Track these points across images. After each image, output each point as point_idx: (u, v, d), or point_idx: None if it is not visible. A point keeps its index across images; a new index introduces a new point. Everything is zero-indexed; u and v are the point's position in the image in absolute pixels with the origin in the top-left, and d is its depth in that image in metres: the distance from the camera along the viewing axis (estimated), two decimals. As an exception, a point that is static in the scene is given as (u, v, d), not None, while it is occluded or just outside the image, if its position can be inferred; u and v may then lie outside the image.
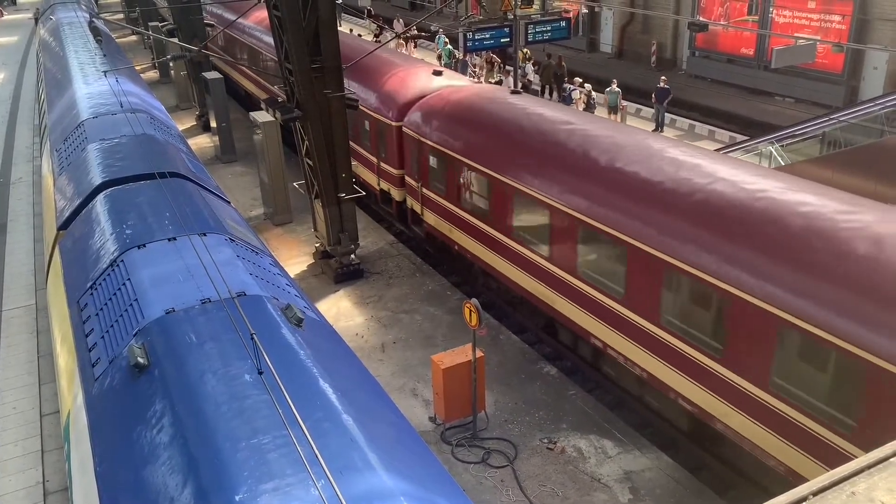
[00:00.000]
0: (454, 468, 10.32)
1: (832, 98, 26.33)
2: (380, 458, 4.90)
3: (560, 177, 11.98)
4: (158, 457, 5.08)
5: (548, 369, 12.51)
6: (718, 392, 9.53)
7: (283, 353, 6.01)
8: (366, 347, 13.29)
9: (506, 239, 13.41)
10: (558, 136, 12.72)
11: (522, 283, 13.18)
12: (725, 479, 10.28)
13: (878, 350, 7.57)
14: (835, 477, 3.38)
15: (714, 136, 23.72)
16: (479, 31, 23.40)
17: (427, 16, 34.97)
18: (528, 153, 12.92)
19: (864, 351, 7.66)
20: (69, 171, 11.52)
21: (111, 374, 6.27)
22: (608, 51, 37.25)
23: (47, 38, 26.57)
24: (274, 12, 14.15)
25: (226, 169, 23.12)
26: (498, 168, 13.32)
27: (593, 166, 11.63)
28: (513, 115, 14.00)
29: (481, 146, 13.99)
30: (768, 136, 18.04)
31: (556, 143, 12.59)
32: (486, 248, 14.12)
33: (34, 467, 10.23)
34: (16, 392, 11.89)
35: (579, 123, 13.05)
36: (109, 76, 16.28)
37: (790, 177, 10.38)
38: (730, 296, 9.04)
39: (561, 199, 11.76)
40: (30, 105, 30.34)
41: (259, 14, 24.90)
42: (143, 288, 7.14)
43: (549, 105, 15.54)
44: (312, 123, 14.61)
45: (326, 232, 15.74)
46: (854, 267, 8.13)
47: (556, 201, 11.85)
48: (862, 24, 25.87)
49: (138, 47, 43.81)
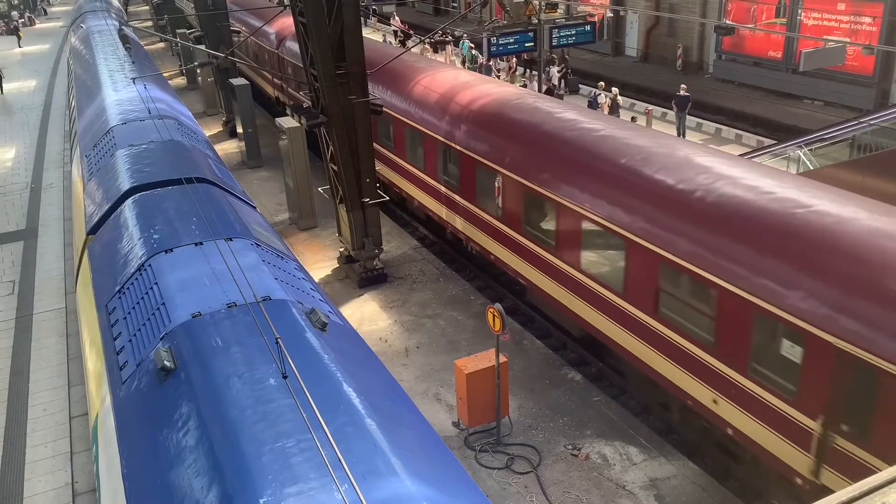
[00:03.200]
0: (478, 474, 10.29)
1: (862, 101, 25.91)
2: (403, 463, 4.90)
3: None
4: (184, 459, 5.12)
5: (572, 375, 12.44)
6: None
7: (307, 357, 6.04)
8: (389, 352, 13.31)
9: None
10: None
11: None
12: (753, 488, 10.14)
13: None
14: (864, 487, 3.32)
15: (741, 139, 23.47)
16: (503, 35, 23.39)
17: (451, 21, 35.03)
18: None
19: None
20: (98, 176, 11.70)
21: (138, 377, 6.34)
22: (633, 55, 37.05)
23: (78, 46, 27.04)
24: (299, 19, 14.27)
25: (252, 174, 23.34)
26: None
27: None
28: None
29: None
30: (797, 140, 17.79)
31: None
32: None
33: (63, 469, 10.39)
34: (46, 394, 12.09)
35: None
36: (138, 83, 16.52)
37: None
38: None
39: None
40: (61, 112, 30.91)
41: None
42: (170, 292, 7.22)
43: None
44: (337, 129, 14.69)
45: (351, 236, 15.81)
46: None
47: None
48: (893, 26, 25.44)
49: (166, 54, 44.45)
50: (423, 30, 43.50)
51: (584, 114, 13.69)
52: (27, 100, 34.27)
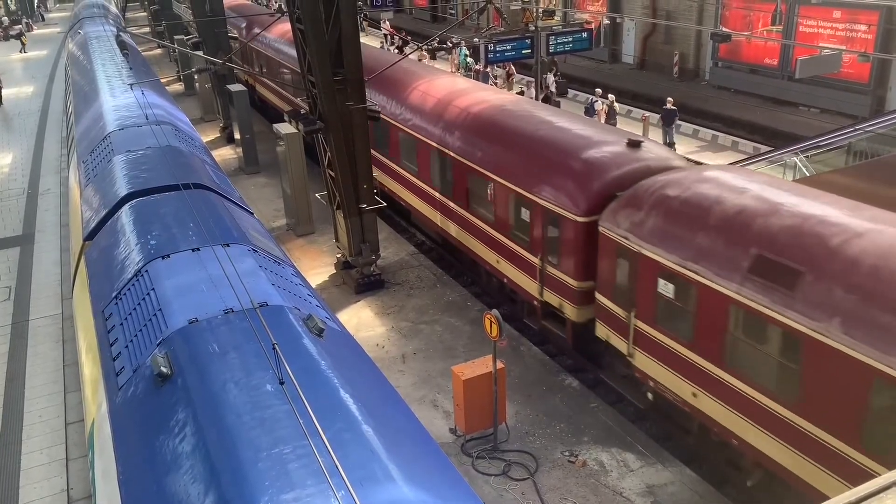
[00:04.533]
0: (475, 480, 10.27)
1: (858, 108, 26.02)
2: (400, 470, 4.90)
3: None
4: (181, 466, 5.11)
5: (569, 381, 12.43)
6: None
7: (304, 363, 6.03)
8: (386, 358, 13.30)
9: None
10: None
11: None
12: (750, 494, 10.13)
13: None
14: (861, 493, 3.33)
15: (738, 146, 23.53)
16: (500, 42, 23.47)
17: (449, 28, 35.13)
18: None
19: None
20: (95, 182, 11.69)
21: (135, 382, 6.33)
22: (630, 62, 37.16)
23: (75, 52, 27.05)
24: (297, 25, 14.30)
25: (249, 180, 23.34)
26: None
27: None
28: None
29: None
30: (793, 147, 17.84)
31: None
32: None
33: (59, 475, 10.35)
34: (42, 401, 12.05)
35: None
36: (135, 89, 16.52)
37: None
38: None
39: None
40: (58, 118, 30.89)
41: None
42: (166, 298, 7.22)
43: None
44: (334, 135, 14.71)
45: (348, 242, 15.81)
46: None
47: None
48: (888, 34, 25.57)
49: (164, 60, 44.48)
50: (422, 37, 43.56)
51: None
52: (25, 105, 34.27)
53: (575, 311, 12.43)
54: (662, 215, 10.42)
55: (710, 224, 9.80)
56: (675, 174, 11.23)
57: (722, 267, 9.40)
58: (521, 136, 13.81)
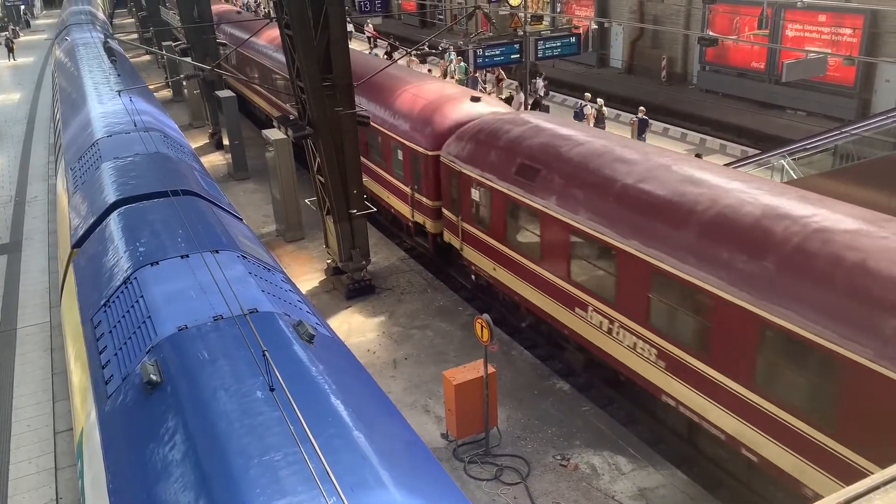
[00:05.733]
0: (466, 485, 10.26)
1: (844, 111, 26.22)
2: (391, 475, 4.89)
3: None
4: (171, 474, 5.08)
5: (560, 385, 12.45)
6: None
7: (294, 369, 6.02)
8: (377, 363, 13.28)
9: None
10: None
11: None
12: (742, 496, 10.17)
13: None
14: (850, 493, 3.34)
15: (725, 149, 23.67)
16: (489, 47, 23.54)
17: (437, 33, 35.19)
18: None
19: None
20: (83, 189, 11.64)
21: (124, 391, 6.29)
22: (618, 66, 37.33)
23: (63, 59, 26.93)
24: (286, 31, 14.29)
25: (238, 186, 23.28)
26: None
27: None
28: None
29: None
30: (780, 150, 17.98)
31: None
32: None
33: (48, 485, 10.27)
34: (30, 409, 11.96)
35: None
36: (123, 95, 16.46)
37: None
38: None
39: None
40: (45, 124, 30.74)
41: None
42: (155, 305, 7.19)
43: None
44: (324, 140, 14.70)
45: (338, 248, 15.79)
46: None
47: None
48: (873, 37, 25.80)
49: (152, 67, 44.36)
50: (411, 42, 43.62)
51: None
52: (11, 112, 34.07)
53: (432, 224, 16.53)
54: (473, 143, 14.61)
55: (497, 146, 13.98)
56: (486, 118, 15.35)
57: (502, 173, 13.47)
58: (401, 99, 17.52)
